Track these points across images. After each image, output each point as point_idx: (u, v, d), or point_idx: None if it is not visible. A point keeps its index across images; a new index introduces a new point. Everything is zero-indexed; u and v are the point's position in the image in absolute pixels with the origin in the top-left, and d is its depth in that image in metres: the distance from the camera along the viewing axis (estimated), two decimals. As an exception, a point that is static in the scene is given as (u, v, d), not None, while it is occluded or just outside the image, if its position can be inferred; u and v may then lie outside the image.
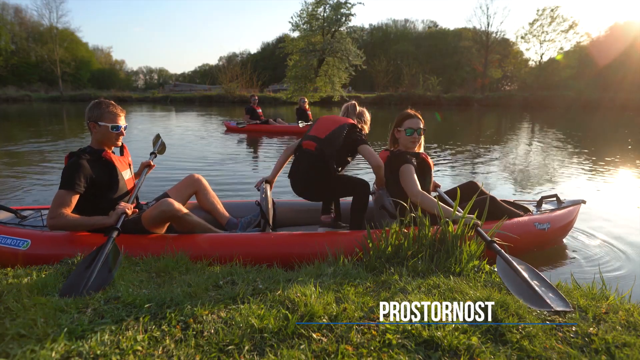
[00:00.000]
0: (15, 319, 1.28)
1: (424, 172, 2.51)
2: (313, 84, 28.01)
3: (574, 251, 2.74)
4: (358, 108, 2.90)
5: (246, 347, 1.18)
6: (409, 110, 2.63)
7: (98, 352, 1.11)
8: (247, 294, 1.52)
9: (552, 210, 2.87)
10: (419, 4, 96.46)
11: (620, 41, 29.23)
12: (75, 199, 2.09)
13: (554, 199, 3.09)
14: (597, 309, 1.48)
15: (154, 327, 1.26)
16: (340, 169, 2.72)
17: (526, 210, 2.81)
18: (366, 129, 2.90)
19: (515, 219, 2.57)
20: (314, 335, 1.25)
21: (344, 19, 28.52)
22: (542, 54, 35.30)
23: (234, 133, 10.53)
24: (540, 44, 35.02)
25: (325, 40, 27.85)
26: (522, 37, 36.14)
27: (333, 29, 28.63)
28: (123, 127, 2.28)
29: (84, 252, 2.01)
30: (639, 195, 4.32)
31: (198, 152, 7.49)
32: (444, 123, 15.46)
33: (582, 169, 5.80)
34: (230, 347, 1.18)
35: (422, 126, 2.55)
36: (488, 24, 37.11)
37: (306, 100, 10.70)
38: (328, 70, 28.04)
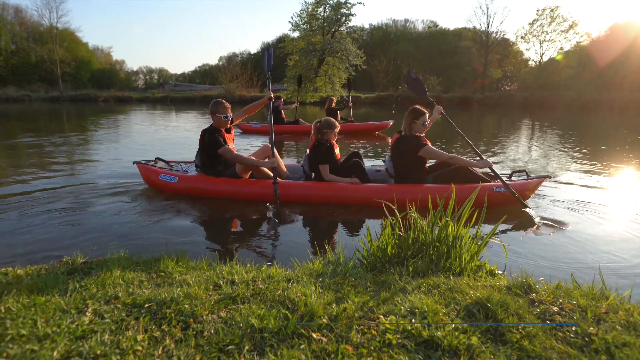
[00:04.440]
0: (15, 319, 1.28)
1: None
2: (313, 84, 27.99)
3: (573, 251, 2.74)
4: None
5: (246, 347, 1.18)
6: (422, 109, 3.77)
7: (98, 352, 1.11)
8: (247, 294, 1.52)
9: (516, 181, 3.75)
10: (419, 4, 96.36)
11: (620, 41, 29.19)
12: (231, 147, 3.80)
13: (524, 173, 3.98)
14: (597, 309, 1.47)
15: (154, 327, 1.27)
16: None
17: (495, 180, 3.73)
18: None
19: (483, 184, 3.43)
20: (314, 335, 1.25)
21: (344, 19, 28.50)
22: (542, 54, 35.29)
23: (251, 134, 10.48)
24: (540, 44, 35.00)
25: (325, 40, 27.83)
26: (522, 37, 36.10)
27: (333, 29, 28.61)
28: (230, 116, 3.83)
29: (208, 188, 3.85)
30: (638, 195, 4.31)
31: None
32: (444, 123, 15.43)
33: (581, 168, 5.80)
34: (230, 347, 1.18)
35: (428, 120, 3.81)
36: (488, 24, 37.08)
37: (334, 99, 10.68)
38: (328, 70, 28.03)
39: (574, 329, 1.34)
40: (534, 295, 1.60)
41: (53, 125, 13.39)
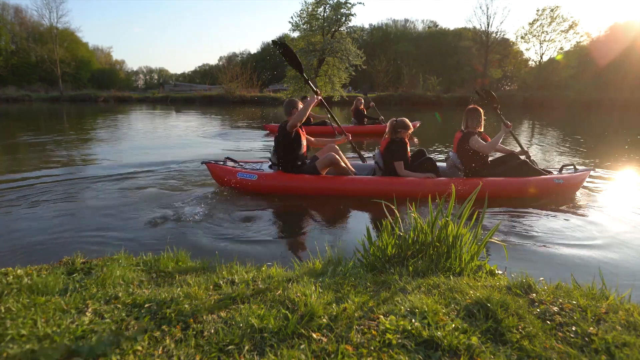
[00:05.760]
0: (15, 319, 1.28)
1: (485, 140, 4.20)
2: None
3: (573, 251, 2.74)
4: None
5: (246, 347, 1.18)
6: (481, 109, 4.18)
7: (98, 352, 1.11)
8: (247, 294, 1.52)
9: (568, 173, 4.20)
10: (419, 4, 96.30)
11: (620, 41, 29.17)
12: (304, 143, 4.17)
13: (572, 167, 4.40)
14: (597, 309, 1.47)
15: (154, 327, 1.27)
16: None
17: (549, 173, 4.21)
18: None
19: (543, 176, 4.05)
20: (314, 335, 1.25)
21: (344, 19, 28.50)
22: (542, 54, 35.29)
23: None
24: (540, 44, 35.00)
25: (325, 40, 27.82)
26: (522, 37, 36.10)
27: (333, 29, 28.61)
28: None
29: (288, 184, 4.02)
30: (637, 195, 4.31)
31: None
32: (444, 123, 15.46)
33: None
34: (230, 347, 1.18)
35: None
36: (488, 24, 37.09)
37: (362, 99, 10.59)
38: (328, 70, 28.03)
39: (574, 329, 1.34)
40: (534, 295, 1.60)
41: (53, 125, 13.40)
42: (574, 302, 1.53)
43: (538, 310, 1.47)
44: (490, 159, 4.34)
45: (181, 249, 2.22)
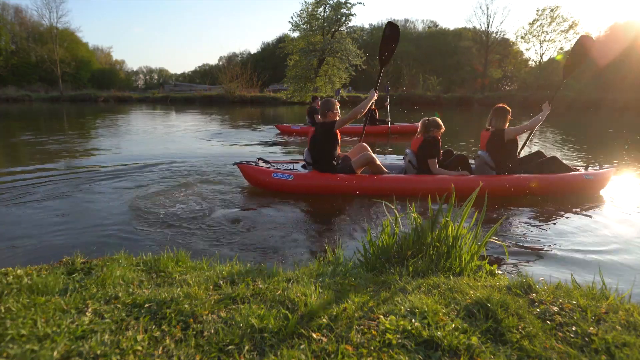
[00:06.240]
0: (15, 319, 1.28)
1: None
2: (313, 84, 27.96)
3: (573, 251, 2.74)
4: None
5: (246, 347, 1.18)
6: (509, 109, 4.23)
7: (98, 352, 1.11)
8: (247, 294, 1.52)
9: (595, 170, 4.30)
10: (419, 4, 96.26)
11: (620, 41, 29.14)
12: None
13: (597, 164, 4.51)
14: (597, 309, 1.47)
15: (154, 327, 1.27)
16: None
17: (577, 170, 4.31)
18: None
19: (572, 173, 4.18)
20: (314, 335, 1.25)
21: (344, 19, 28.47)
22: (542, 54, 35.27)
23: (290, 135, 10.39)
24: (540, 44, 34.98)
25: (325, 40, 27.80)
26: (522, 37, 36.08)
27: (333, 29, 28.58)
28: (339, 112, 4.18)
29: (325, 184, 4.03)
30: (638, 195, 4.31)
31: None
32: (444, 123, 15.44)
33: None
34: (230, 347, 1.18)
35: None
36: (488, 24, 37.08)
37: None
38: (328, 70, 28.01)
39: (574, 329, 1.34)
40: (534, 295, 1.60)
41: (53, 125, 13.39)
42: (574, 302, 1.53)
43: (538, 310, 1.47)
44: (523, 156, 4.46)
45: (181, 249, 2.22)
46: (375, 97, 4.24)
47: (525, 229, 3.19)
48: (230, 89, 32.48)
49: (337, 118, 4.13)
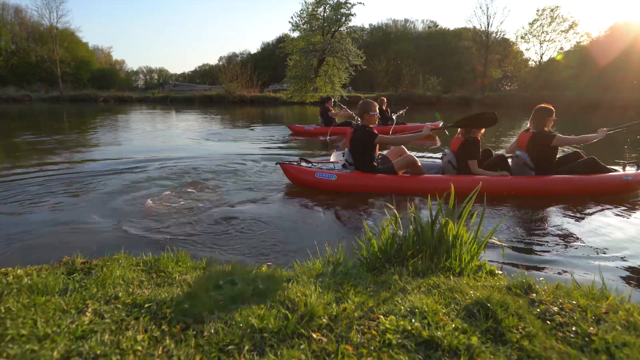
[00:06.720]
0: (15, 319, 1.28)
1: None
2: (313, 84, 27.97)
3: (573, 251, 2.74)
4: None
5: (246, 347, 1.18)
6: (551, 108, 4.25)
7: (98, 352, 1.11)
8: (247, 294, 1.52)
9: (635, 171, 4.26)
10: (419, 4, 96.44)
11: (620, 41, 29.14)
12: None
13: (634, 164, 4.48)
14: (597, 309, 1.47)
15: (154, 327, 1.27)
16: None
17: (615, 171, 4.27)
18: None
19: (611, 173, 4.16)
20: (314, 335, 1.25)
21: (344, 19, 28.45)
22: (542, 54, 35.26)
23: (303, 135, 10.38)
24: (540, 44, 34.97)
25: (325, 40, 27.78)
26: (522, 37, 36.04)
27: (333, 29, 28.56)
28: (377, 114, 4.35)
29: (368, 184, 4.16)
30: (637, 195, 4.31)
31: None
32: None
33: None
34: (230, 347, 1.18)
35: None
36: (488, 24, 37.03)
37: (384, 99, 10.50)
38: (328, 70, 27.99)
39: (574, 329, 1.34)
40: (534, 295, 1.60)
41: (53, 124, 13.40)
42: (574, 302, 1.53)
43: (538, 310, 1.47)
44: (559, 156, 4.48)
45: (181, 249, 2.22)
46: (425, 135, 4.32)
47: (526, 229, 3.19)
48: (230, 89, 32.50)
49: (374, 120, 4.30)
